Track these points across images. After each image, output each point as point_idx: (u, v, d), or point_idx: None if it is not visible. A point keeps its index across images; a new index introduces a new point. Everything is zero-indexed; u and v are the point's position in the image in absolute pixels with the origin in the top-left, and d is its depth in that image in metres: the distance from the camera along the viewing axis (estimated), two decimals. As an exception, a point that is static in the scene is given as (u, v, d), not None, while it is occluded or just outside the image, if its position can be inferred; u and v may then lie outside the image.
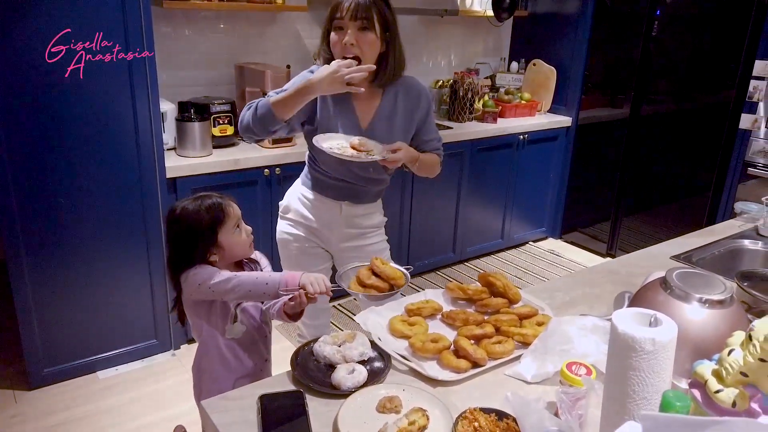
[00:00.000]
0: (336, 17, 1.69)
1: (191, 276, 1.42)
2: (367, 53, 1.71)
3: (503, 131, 3.71)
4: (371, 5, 1.68)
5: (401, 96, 1.84)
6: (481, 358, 1.27)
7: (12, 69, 2.11)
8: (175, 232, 1.45)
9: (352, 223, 1.91)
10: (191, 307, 1.50)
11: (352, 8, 1.66)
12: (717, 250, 1.95)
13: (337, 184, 1.85)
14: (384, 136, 1.81)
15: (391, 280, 1.48)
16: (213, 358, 1.52)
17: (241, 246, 1.49)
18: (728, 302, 1.13)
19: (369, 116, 1.83)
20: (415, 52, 3.96)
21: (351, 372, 1.21)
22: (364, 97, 1.80)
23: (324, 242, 1.94)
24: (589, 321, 1.32)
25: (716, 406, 0.85)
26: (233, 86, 3.17)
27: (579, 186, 4.18)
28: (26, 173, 2.23)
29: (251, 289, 1.41)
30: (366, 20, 1.67)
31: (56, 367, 2.50)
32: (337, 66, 1.61)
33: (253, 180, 2.77)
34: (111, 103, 2.33)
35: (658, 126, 3.72)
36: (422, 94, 1.88)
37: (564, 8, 4.03)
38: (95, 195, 2.39)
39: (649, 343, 0.86)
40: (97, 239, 2.45)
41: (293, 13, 3.27)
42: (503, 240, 4.07)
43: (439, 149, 1.97)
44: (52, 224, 2.33)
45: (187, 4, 2.81)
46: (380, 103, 1.82)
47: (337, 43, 1.70)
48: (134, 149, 2.43)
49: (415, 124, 1.88)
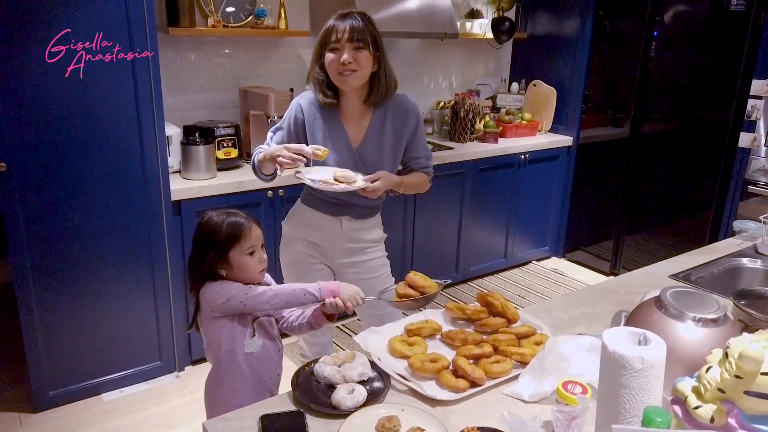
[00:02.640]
0: (332, 41, 1.79)
1: (216, 291, 1.46)
2: (365, 68, 1.81)
3: (504, 151, 3.75)
4: (364, 28, 1.79)
5: (390, 114, 1.92)
6: (479, 377, 1.28)
7: (25, 113, 2.17)
8: (196, 239, 1.51)
9: (353, 237, 1.96)
10: (209, 322, 1.52)
11: (348, 30, 1.77)
12: (716, 268, 1.96)
13: (334, 201, 1.92)
14: (375, 155, 1.90)
15: (420, 288, 1.56)
16: (232, 372, 1.54)
17: (250, 270, 1.52)
18: (722, 321, 1.15)
19: (360, 136, 1.91)
20: (416, 74, 4.02)
21: (351, 392, 1.23)
22: (355, 117, 1.90)
23: (327, 258, 2.00)
24: (585, 340, 1.33)
25: (695, 421, 0.87)
26: (237, 110, 3.22)
27: (581, 205, 4.20)
28: (34, 198, 2.27)
29: (289, 300, 1.49)
30: (361, 41, 1.78)
31: (61, 389, 2.52)
32: (282, 150, 1.75)
33: (256, 202, 2.80)
34: (117, 123, 2.38)
35: (659, 144, 3.75)
36: (410, 111, 1.94)
37: (563, 30, 4.09)
38: (101, 218, 2.43)
39: (638, 361, 0.88)
40: (102, 261, 2.48)
41: (296, 38, 3.34)
42: (506, 259, 4.08)
43: (428, 167, 2.04)
44: (58, 247, 2.37)
45: (193, 31, 2.87)
46: (370, 123, 1.90)
47: (334, 62, 1.79)
48: (140, 173, 2.47)
49: (404, 142, 1.95)
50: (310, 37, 3.33)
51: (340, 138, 1.89)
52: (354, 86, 1.83)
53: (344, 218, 1.94)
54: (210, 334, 1.53)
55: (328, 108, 1.89)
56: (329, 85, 1.86)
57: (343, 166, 1.86)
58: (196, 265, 1.49)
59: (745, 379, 0.81)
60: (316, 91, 1.88)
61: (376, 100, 1.87)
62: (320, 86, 1.86)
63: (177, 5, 2.78)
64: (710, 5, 3.38)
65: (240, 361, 1.53)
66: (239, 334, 1.52)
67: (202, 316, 1.52)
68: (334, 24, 1.80)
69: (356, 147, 1.90)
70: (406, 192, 1.99)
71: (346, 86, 1.83)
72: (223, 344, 1.52)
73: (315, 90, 1.89)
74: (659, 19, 3.58)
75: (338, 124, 1.89)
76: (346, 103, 1.90)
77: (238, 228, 1.49)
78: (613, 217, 4.01)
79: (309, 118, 1.91)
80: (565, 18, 4.06)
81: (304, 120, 1.91)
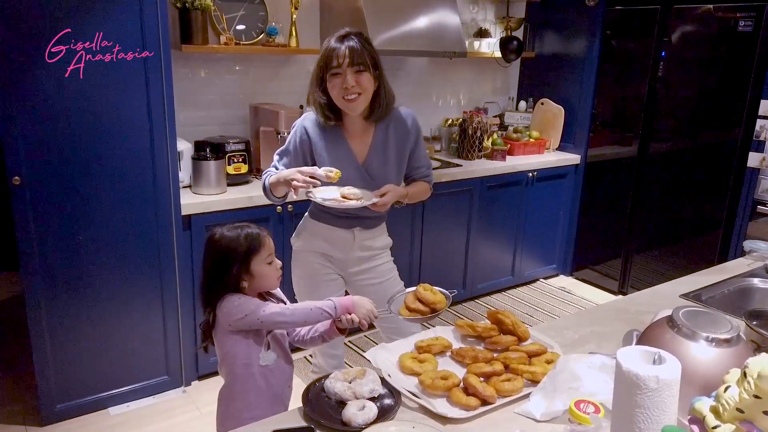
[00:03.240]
0: (333, 66, 1.82)
1: (235, 306, 1.47)
2: (368, 90, 1.86)
3: (512, 169, 3.76)
4: (363, 50, 1.83)
5: (392, 128, 1.98)
6: (490, 395, 1.28)
7: (38, 129, 2.20)
8: (212, 256, 1.52)
9: (364, 246, 2.04)
10: (225, 336, 1.53)
11: (348, 55, 1.80)
12: (726, 288, 1.95)
13: (345, 215, 1.97)
14: (380, 169, 1.96)
15: (431, 305, 1.59)
16: (246, 386, 1.55)
17: (270, 278, 1.56)
18: (735, 341, 1.14)
19: (365, 152, 1.96)
20: (425, 92, 4.05)
21: (361, 408, 1.23)
22: (358, 134, 1.96)
23: (340, 268, 2.06)
24: (597, 359, 1.33)
25: (714, 441, 0.86)
26: (248, 126, 3.26)
27: (589, 223, 4.19)
28: (46, 212, 2.30)
29: (306, 319, 1.52)
30: (362, 65, 1.82)
31: (68, 403, 2.52)
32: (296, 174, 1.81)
33: (266, 217, 2.82)
34: (130, 139, 2.41)
35: (667, 164, 3.75)
36: (410, 123, 2.01)
37: (571, 49, 4.12)
38: (111, 232, 2.45)
39: (653, 380, 0.88)
40: (112, 275, 2.49)
41: (306, 56, 3.38)
42: (514, 277, 4.07)
43: (429, 176, 2.12)
44: (69, 260, 2.38)
45: (206, 48, 2.91)
46: (373, 138, 1.96)
47: (337, 86, 1.83)
48: (151, 187, 2.49)
49: (407, 154, 2.02)
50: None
51: (345, 155, 1.94)
52: (359, 111, 1.88)
53: (356, 230, 2.00)
54: (225, 348, 1.54)
55: (332, 128, 1.94)
56: (331, 107, 1.90)
57: (351, 181, 1.90)
58: (216, 280, 1.50)
59: (764, 399, 0.81)
60: (318, 114, 1.92)
61: (377, 117, 1.93)
62: (322, 109, 1.90)
63: (190, 23, 2.83)
64: (718, 26, 3.40)
65: (255, 374, 1.54)
66: (254, 347, 1.53)
67: (218, 330, 1.53)
68: (334, 48, 1.82)
69: (362, 162, 1.96)
70: (411, 202, 2.06)
71: (352, 111, 1.88)
72: (239, 358, 1.52)
73: (317, 112, 1.92)
74: (667, 40, 3.61)
75: (343, 143, 1.94)
76: (348, 122, 1.94)
77: (256, 238, 1.52)
78: (622, 236, 4.00)
79: (314, 139, 1.95)
80: (572, 38, 4.09)
81: (310, 142, 1.95)
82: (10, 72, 2.12)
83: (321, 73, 1.86)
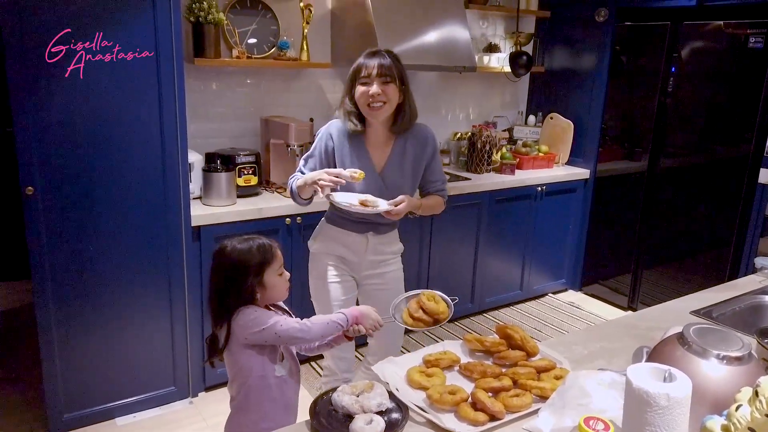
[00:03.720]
0: (362, 75, 1.99)
1: (251, 319, 1.48)
2: (392, 100, 2.01)
3: (521, 183, 3.76)
4: (391, 65, 2.00)
5: (410, 142, 2.12)
6: (498, 411, 1.27)
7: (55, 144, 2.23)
8: (224, 269, 1.53)
9: (377, 250, 2.16)
10: (240, 350, 1.53)
11: (377, 67, 1.97)
12: (738, 305, 1.93)
13: (359, 221, 2.11)
14: (396, 179, 2.10)
15: (434, 315, 1.62)
16: (261, 397, 1.56)
17: (281, 289, 1.58)
18: (746, 359, 1.13)
19: (383, 161, 2.10)
20: (434, 106, 4.07)
21: (369, 422, 1.22)
22: (379, 144, 2.10)
23: (353, 270, 2.18)
24: (607, 376, 1.32)
25: (729, 461, 0.85)
26: (258, 138, 3.28)
27: (598, 238, 4.17)
28: (58, 222, 2.32)
29: (324, 333, 1.55)
30: (389, 76, 1.98)
31: (76, 412, 2.52)
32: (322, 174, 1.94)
33: (274, 228, 2.83)
34: (142, 150, 2.43)
35: (677, 179, 3.74)
36: (429, 139, 2.15)
37: (580, 64, 4.13)
38: (122, 242, 2.47)
39: (664, 398, 0.87)
40: (121, 285, 2.51)
41: (317, 70, 3.41)
42: (522, 291, 4.05)
43: (444, 190, 2.24)
44: (79, 270, 2.40)
45: (218, 61, 2.95)
46: (392, 149, 2.10)
47: (364, 94, 1.99)
48: (162, 198, 2.51)
49: (422, 167, 2.16)
50: (331, 69, 3.40)
51: (365, 163, 2.07)
52: (381, 118, 2.03)
53: (369, 234, 2.13)
54: (240, 363, 1.54)
55: (355, 135, 2.08)
56: (358, 115, 2.05)
57: (368, 188, 2.05)
58: (228, 293, 1.51)
59: (775, 418, 0.80)
60: (346, 120, 2.06)
61: (399, 129, 2.08)
62: (349, 116, 2.05)
63: (203, 37, 2.86)
64: (728, 43, 3.40)
65: (271, 385, 1.55)
66: (269, 358, 1.55)
67: (232, 344, 1.53)
68: (364, 61, 2.00)
69: (379, 171, 2.09)
70: (424, 213, 2.19)
71: (375, 118, 2.03)
72: (254, 371, 1.53)
73: (345, 119, 2.07)
74: (677, 55, 3.61)
75: (364, 150, 2.08)
76: (371, 131, 2.09)
77: (268, 250, 1.54)
78: (631, 251, 3.98)
79: (338, 145, 2.09)
80: (582, 53, 4.11)
81: (334, 147, 2.09)
82: (25, 81, 2.15)
83: (351, 83, 2.03)
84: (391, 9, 3.23)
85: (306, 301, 2.29)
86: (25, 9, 2.10)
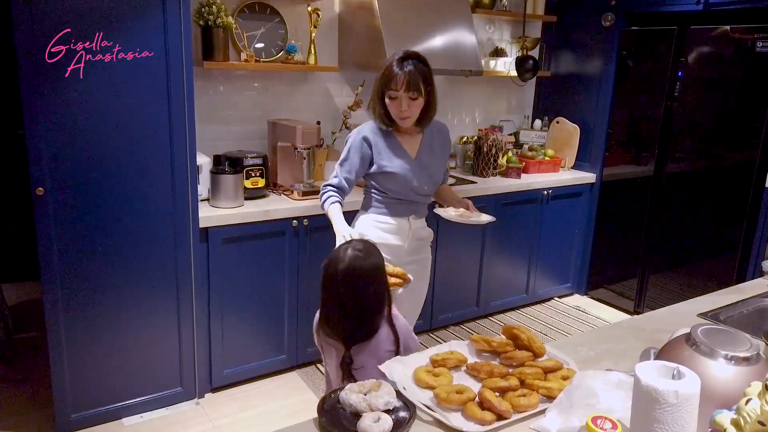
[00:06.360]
0: (391, 88, 2.14)
1: (405, 325, 1.65)
2: (417, 113, 2.20)
3: (527, 187, 3.76)
4: (418, 76, 2.13)
5: (436, 135, 2.38)
6: (506, 410, 1.27)
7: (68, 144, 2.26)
8: (370, 282, 1.62)
9: (416, 234, 2.36)
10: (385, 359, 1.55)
11: (405, 82, 2.11)
12: (745, 308, 1.93)
13: (405, 204, 2.31)
14: (429, 164, 2.33)
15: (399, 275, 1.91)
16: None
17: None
18: (754, 359, 1.13)
19: (415, 149, 2.31)
20: (441, 109, 3.99)
21: (377, 420, 1.23)
22: (409, 136, 2.31)
23: (396, 257, 2.28)
24: (614, 376, 1.32)
25: (738, 457, 0.85)
26: (266, 141, 3.30)
27: (605, 242, 4.17)
28: (67, 223, 2.34)
29: None
30: (416, 91, 2.14)
31: (83, 412, 2.54)
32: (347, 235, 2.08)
33: (281, 231, 2.84)
34: (151, 152, 2.45)
35: (684, 184, 3.73)
36: (446, 133, 2.46)
37: (586, 69, 4.13)
38: (130, 243, 2.48)
39: (673, 395, 0.88)
40: (129, 286, 2.52)
41: (324, 73, 3.43)
42: (528, 295, 4.05)
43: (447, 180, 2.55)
44: (88, 271, 2.42)
45: (227, 65, 2.97)
46: (422, 140, 2.34)
47: (394, 108, 2.17)
48: (170, 200, 2.53)
49: (446, 156, 2.43)
50: (338, 72, 3.42)
51: (401, 153, 2.28)
52: (409, 125, 2.24)
53: (411, 217, 2.33)
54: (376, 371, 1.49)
55: (388, 132, 2.28)
56: (388, 115, 2.23)
57: (408, 173, 2.26)
58: (377, 302, 1.61)
59: (784, 413, 0.80)
60: (379, 121, 2.25)
61: (425, 123, 2.28)
62: (381, 117, 2.24)
63: (212, 41, 2.89)
64: (735, 47, 3.40)
65: None
66: None
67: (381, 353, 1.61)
68: (394, 71, 2.12)
69: (414, 157, 2.30)
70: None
71: (404, 125, 2.24)
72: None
73: (377, 119, 2.26)
74: (683, 60, 3.61)
75: (397, 143, 2.29)
76: (401, 127, 2.28)
77: (375, 246, 1.74)
78: (637, 255, 3.97)
79: (374, 142, 2.26)
80: (588, 57, 4.11)
81: (370, 146, 2.26)
82: (35, 82, 2.18)
83: (381, 89, 2.17)
84: (398, 13, 3.25)
85: (310, 303, 2.30)
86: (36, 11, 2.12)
